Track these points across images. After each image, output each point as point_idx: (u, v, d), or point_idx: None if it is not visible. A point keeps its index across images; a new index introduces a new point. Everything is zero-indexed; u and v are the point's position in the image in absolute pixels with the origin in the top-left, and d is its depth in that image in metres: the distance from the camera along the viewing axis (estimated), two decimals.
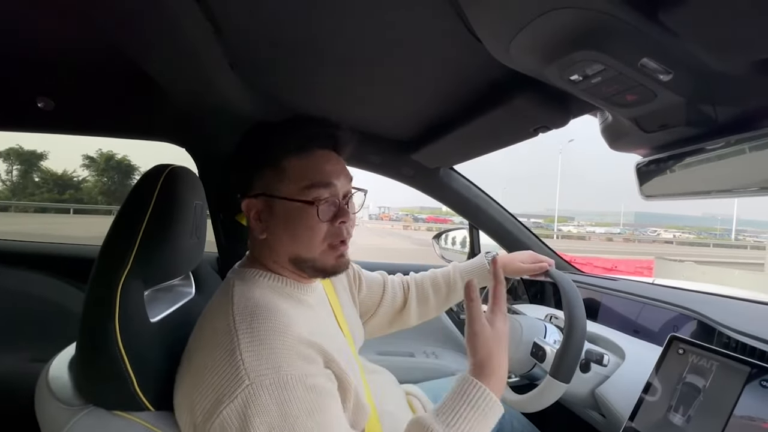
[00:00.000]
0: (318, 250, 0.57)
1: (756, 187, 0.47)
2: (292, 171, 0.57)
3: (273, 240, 0.58)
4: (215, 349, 0.48)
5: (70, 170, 23.95)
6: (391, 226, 37.90)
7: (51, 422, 0.51)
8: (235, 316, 0.50)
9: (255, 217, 0.59)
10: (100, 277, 0.52)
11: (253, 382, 0.44)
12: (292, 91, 0.92)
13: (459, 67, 0.71)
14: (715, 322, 0.81)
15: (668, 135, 0.56)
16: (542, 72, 0.50)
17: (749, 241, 52.47)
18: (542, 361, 0.79)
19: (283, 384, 0.45)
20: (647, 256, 12.38)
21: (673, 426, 0.63)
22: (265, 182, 0.58)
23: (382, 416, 0.65)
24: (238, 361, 0.46)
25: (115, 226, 0.55)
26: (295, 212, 0.56)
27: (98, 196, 24.07)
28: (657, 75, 0.44)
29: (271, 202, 0.57)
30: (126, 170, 24.63)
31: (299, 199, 0.55)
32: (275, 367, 0.46)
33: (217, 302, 0.56)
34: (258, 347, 0.47)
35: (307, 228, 0.56)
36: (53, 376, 0.56)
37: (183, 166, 0.63)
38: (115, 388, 0.50)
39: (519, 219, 1.42)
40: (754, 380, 0.58)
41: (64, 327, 1.23)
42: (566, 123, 0.75)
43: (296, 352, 0.48)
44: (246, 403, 0.44)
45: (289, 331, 0.50)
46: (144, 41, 0.61)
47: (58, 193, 23.15)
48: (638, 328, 1.06)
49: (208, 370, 0.47)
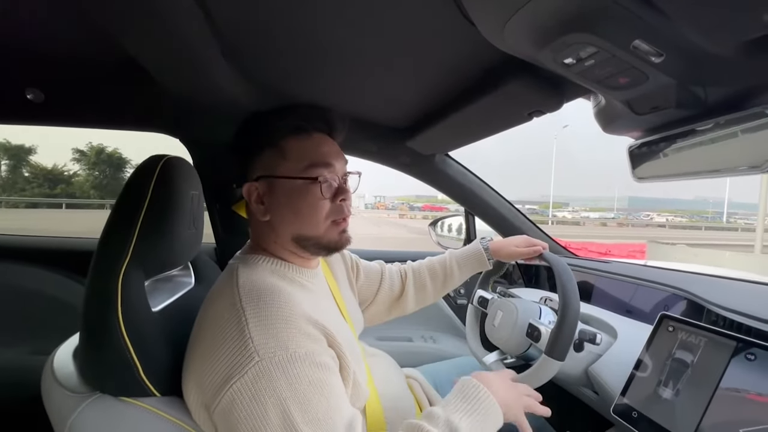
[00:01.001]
0: (322, 227, 0.59)
1: (745, 166, 0.48)
2: (292, 151, 0.58)
3: (276, 220, 0.59)
4: (223, 329, 0.49)
5: (61, 164, 23.61)
6: (387, 215, 37.92)
7: (59, 410, 0.52)
8: (242, 297, 0.51)
9: (257, 201, 0.60)
10: (100, 268, 0.52)
11: (262, 358, 0.46)
12: (286, 80, 0.91)
13: (453, 52, 0.71)
14: (704, 301, 0.83)
15: (660, 117, 0.57)
16: (536, 56, 0.50)
17: (740, 223, 53.25)
18: (537, 341, 0.81)
19: (293, 360, 0.47)
20: (640, 240, 12.55)
21: (663, 399, 0.66)
22: (265, 164, 0.59)
23: (383, 397, 0.67)
24: (247, 339, 0.47)
25: (113, 218, 0.55)
26: (298, 190, 0.57)
27: (90, 190, 23.78)
28: (649, 57, 0.44)
29: (272, 183, 0.58)
30: (118, 163, 24.30)
31: (302, 177, 0.57)
32: (284, 345, 0.47)
33: (221, 286, 0.57)
34: (266, 326, 0.48)
35: (310, 205, 0.58)
36: (58, 365, 0.57)
37: (179, 156, 0.63)
38: (121, 376, 0.51)
39: (514, 205, 1.43)
40: (739, 354, 0.60)
41: (64, 319, 1.23)
42: (560, 107, 0.76)
43: (302, 332, 0.50)
44: (256, 377, 0.45)
45: (294, 311, 0.51)
46: (134, 30, 0.60)
47: (49, 188, 22.83)
48: (630, 308, 1.09)
49: (216, 349, 0.48)
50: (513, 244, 0.94)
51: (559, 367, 0.75)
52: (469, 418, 0.51)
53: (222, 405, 0.46)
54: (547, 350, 0.75)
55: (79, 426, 0.49)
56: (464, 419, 0.51)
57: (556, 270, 0.80)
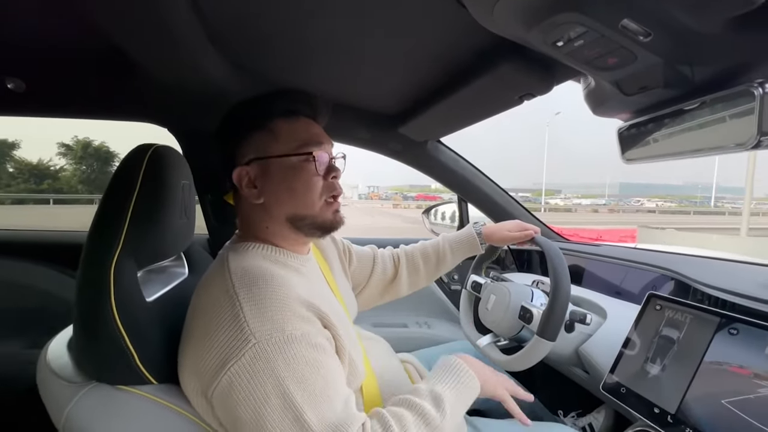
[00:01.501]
0: (317, 205, 0.60)
1: (731, 144, 0.49)
2: (282, 133, 0.59)
3: (270, 201, 0.59)
4: (217, 315, 0.49)
5: (46, 159, 23.06)
6: (381, 205, 37.84)
7: (56, 400, 0.52)
8: (234, 282, 0.51)
9: (248, 185, 0.59)
10: (91, 259, 0.52)
11: (259, 340, 0.46)
12: (275, 67, 0.90)
13: (444, 35, 0.70)
14: (690, 280, 0.85)
15: (648, 97, 0.57)
16: (526, 37, 0.50)
17: (727, 207, 54.27)
18: (529, 322, 0.82)
19: (289, 341, 0.47)
20: (631, 225, 12.74)
21: (650, 375, 0.68)
22: (256, 146, 0.59)
23: (379, 379, 0.68)
24: (243, 323, 0.47)
25: (103, 208, 0.54)
26: (292, 169, 0.58)
27: (78, 185, 23.33)
28: (637, 36, 0.45)
29: (265, 165, 0.59)
30: (105, 157, 23.79)
31: (296, 153, 0.58)
32: (279, 327, 0.48)
33: (212, 273, 0.57)
34: (260, 310, 0.48)
35: (304, 182, 0.59)
36: (53, 356, 0.57)
37: (167, 145, 0.62)
38: (117, 365, 0.51)
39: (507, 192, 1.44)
40: (723, 329, 0.62)
41: (57, 313, 1.22)
42: (550, 89, 0.76)
43: (297, 314, 0.50)
44: (254, 359, 0.46)
45: (288, 294, 0.51)
46: (117, 16, 0.59)
47: (35, 183, 22.32)
48: (619, 290, 1.11)
49: (211, 335, 0.49)
50: (505, 228, 0.95)
51: (551, 348, 0.77)
52: (450, 388, 0.56)
53: (220, 388, 0.47)
54: (538, 331, 0.77)
55: (76, 415, 0.49)
56: (446, 389, 0.55)
57: (548, 253, 0.81)
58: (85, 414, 0.50)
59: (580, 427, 1.05)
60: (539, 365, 0.81)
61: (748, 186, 11.31)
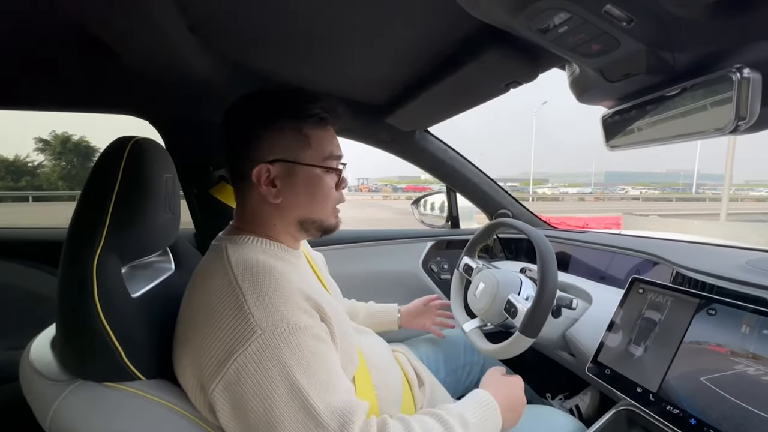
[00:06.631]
0: (328, 212, 0.64)
1: (711, 129, 0.50)
2: (313, 141, 0.60)
3: (287, 203, 0.60)
4: (220, 306, 0.50)
5: (23, 155, 22.29)
6: (371, 197, 37.83)
7: (41, 399, 0.51)
8: (237, 275, 0.52)
9: (267, 183, 0.59)
10: (72, 255, 0.50)
11: (265, 331, 0.47)
12: (258, 57, 0.87)
13: (430, 23, 0.69)
14: (672, 263, 0.88)
15: (631, 84, 0.58)
16: (511, 23, 0.50)
17: (708, 194, 55.84)
18: (513, 317, 0.82)
19: (294, 331, 0.48)
20: (616, 212, 13.02)
21: (633, 356, 0.70)
22: (285, 147, 0.58)
23: (372, 369, 0.69)
24: (248, 315, 0.48)
25: (83, 203, 0.53)
26: (316, 178, 0.60)
27: (58, 182, 22.63)
28: (620, 22, 0.45)
29: (292, 168, 0.59)
30: (86, 152, 23.07)
31: (326, 167, 0.60)
32: (284, 318, 0.49)
33: (211, 266, 0.56)
34: (264, 301, 0.49)
35: (324, 194, 0.62)
36: (36, 356, 0.55)
37: (148, 138, 0.60)
38: (104, 362, 0.50)
39: (496, 181, 1.45)
40: (702, 310, 0.64)
41: (40, 312, 1.19)
42: (535, 77, 0.76)
43: (299, 307, 0.51)
44: (261, 349, 0.46)
45: (290, 287, 0.52)
46: (91, 3, 0.56)
47: (12, 180, 21.59)
48: (604, 275, 1.14)
49: (213, 327, 0.49)
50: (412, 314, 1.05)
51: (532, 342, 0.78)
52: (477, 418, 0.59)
53: (226, 379, 0.47)
54: (521, 328, 0.76)
55: (62, 413, 0.49)
56: (474, 417, 0.58)
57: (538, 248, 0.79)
58: (72, 412, 0.49)
59: (567, 408, 1.08)
60: (527, 350, 0.82)
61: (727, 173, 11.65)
